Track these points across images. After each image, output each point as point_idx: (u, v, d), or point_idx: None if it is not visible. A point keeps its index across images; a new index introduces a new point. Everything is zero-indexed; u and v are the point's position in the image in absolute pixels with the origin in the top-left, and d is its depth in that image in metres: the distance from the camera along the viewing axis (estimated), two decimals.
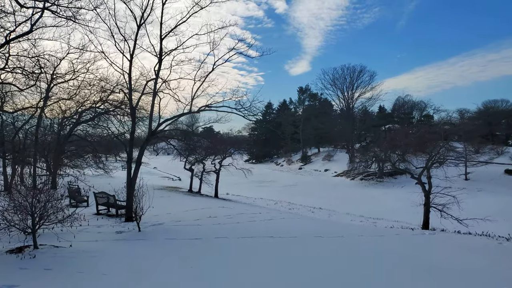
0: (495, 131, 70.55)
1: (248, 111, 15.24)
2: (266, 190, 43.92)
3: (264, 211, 21.63)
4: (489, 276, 7.78)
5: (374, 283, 6.64)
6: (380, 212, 28.10)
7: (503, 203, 30.62)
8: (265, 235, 11.71)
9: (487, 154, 52.42)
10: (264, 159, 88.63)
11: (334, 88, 71.41)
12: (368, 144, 64.35)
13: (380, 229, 16.88)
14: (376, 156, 42.43)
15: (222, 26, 14.69)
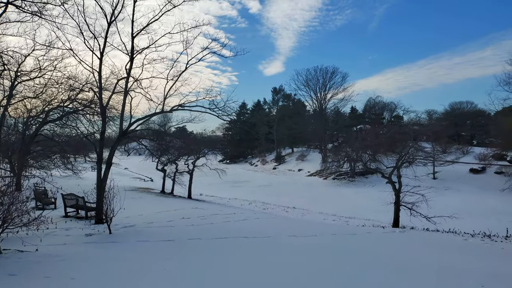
0: (460, 131, 73.56)
1: (222, 111, 15.18)
2: (240, 191, 43.86)
3: (238, 211, 21.59)
4: (456, 270, 8.07)
5: (348, 281, 6.75)
6: (352, 211, 28.65)
7: (468, 201, 31.99)
8: (239, 235, 11.69)
9: (454, 153, 54.58)
10: (239, 159, 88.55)
11: (307, 89, 72.33)
12: (340, 144, 65.49)
13: (352, 228, 17.21)
14: (348, 156, 43.31)
15: (196, 25, 14.58)
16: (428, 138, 52.53)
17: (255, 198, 35.61)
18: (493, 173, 44.67)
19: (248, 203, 32.10)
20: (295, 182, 52.44)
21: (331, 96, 71.52)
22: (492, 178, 42.63)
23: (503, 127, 46.14)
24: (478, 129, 72.09)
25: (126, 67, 14.14)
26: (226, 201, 31.96)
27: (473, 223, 19.92)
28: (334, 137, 76.69)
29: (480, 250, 11.09)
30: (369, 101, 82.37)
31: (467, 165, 48.39)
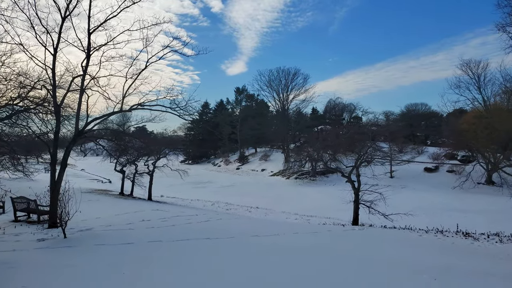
0: (416, 132, 77.31)
1: (183, 111, 14.92)
2: (203, 191, 43.43)
3: (200, 212, 21.34)
4: (411, 265, 8.39)
5: (308, 278, 6.82)
6: (314, 210, 29.16)
7: (423, 198, 33.58)
8: (201, 237, 11.53)
9: (409, 153, 57.23)
10: (201, 159, 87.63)
11: (270, 89, 72.92)
12: (302, 144, 66.55)
13: (313, 226, 17.51)
14: (310, 156, 44.00)
15: (156, 23, 14.21)
16: (385, 139, 54.57)
17: (218, 199, 35.37)
18: (445, 171, 47.23)
19: (211, 204, 31.83)
20: (258, 182, 52.67)
21: (293, 97, 72.64)
22: (445, 177, 45.07)
23: (454, 128, 48.93)
24: (431, 130, 75.98)
25: (82, 64, 13.54)
26: (188, 203, 31.52)
27: (427, 219, 20.89)
28: (296, 137, 77.82)
29: (434, 245, 11.62)
30: (330, 102, 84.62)
31: (421, 164, 50.88)
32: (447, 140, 57.94)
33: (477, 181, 39.91)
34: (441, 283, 6.56)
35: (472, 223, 17.99)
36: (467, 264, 8.72)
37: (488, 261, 9.20)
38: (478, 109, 48.96)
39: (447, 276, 7.13)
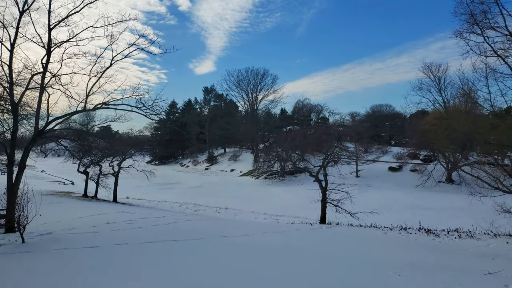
0: (380, 132, 79.73)
1: (150, 110, 14.59)
2: (170, 193, 42.73)
3: (168, 214, 20.95)
4: (376, 261, 8.59)
5: (276, 276, 6.82)
6: (283, 209, 29.38)
7: (388, 197, 34.62)
8: (169, 238, 11.29)
9: (374, 153, 58.96)
10: (169, 160, 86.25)
11: (239, 89, 72.79)
12: (271, 145, 66.94)
13: (282, 225, 17.62)
14: (279, 156, 44.33)
15: (121, 20, 13.79)
16: (351, 139, 55.84)
17: (186, 200, 34.93)
18: (408, 171, 48.96)
19: (179, 205, 31.37)
20: (227, 183, 52.47)
21: (262, 97, 72.92)
22: (408, 176, 46.73)
23: (417, 128, 50.81)
24: (395, 130, 78.70)
25: (42, 61, 12.91)
26: (155, 204, 30.90)
27: (391, 217, 21.55)
28: (266, 138, 78.22)
29: (398, 242, 11.98)
30: (298, 103, 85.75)
31: (386, 164, 52.49)
32: (410, 140, 60.16)
33: (438, 180, 41.68)
34: (404, 279, 6.74)
35: (434, 220, 18.70)
36: (429, 259, 9.02)
37: (448, 256, 9.57)
38: (439, 111, 51.07)
39: (411, 272, 7.34)
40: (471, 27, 13.49)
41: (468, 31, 13.67)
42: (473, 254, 9.79)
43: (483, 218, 14.65)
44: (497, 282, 6.48)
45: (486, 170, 15.84)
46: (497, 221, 14.10)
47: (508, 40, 12.95)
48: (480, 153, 29.87)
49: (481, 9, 13.13)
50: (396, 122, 79.94)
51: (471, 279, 6.75)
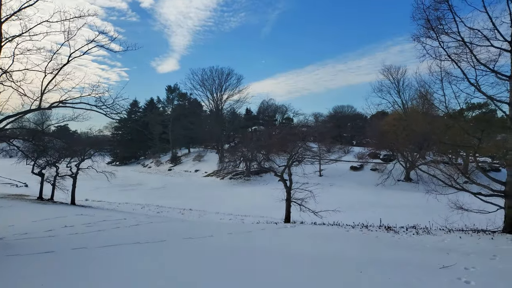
0: (342, 133, 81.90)
1: (110, 109, 14.12)
2: (132, 194, 41.58)
3: (130, 216, 20.33)
4: (338, 259, 8.75)
5: (239, 276, 6.76)
6: (248, 209, 29.38)
7: (350, 195, 35.52)
8: (131, 241, 10.93)
9: (337, 153, 60.44)
10: (130, 160, 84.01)
11: (203, 89, 72.08)
12: (236, 145, 66.91)
13: (247, 225, 17.58)
14: (244, 156, 44.44)
15: (80, 15, 13.24)
16: (315, 139, 56.89)
17: (149, 202, 34.13)
18: (369, 170, 50.57)
19: (141, 207, 30.57)
20: (191, 183, 51.82)
21: (227, 97, 72.71)
22: (369, 175, 48.24)
23: (377, 129, 52.58)
24: (357, 131, 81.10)
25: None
26: (116, 206, 29.92)
27: (353, 215, 22.07)
28: (231, 138, 78.02)
29: (359, 240, 12.27)
30: (263, 104, 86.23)
31: (348, 163, 53.92)
32: (370, 140, 62.13)
33: (397, 179, 43.38)
34: (366, 275, 6.89)
35: (393, 217, 19.35)
36: (389, 255, 9.30)
37: (406, 251, 9.91)
38: (397, 112, 53.16)
39: (372, 268, 7.52)
40: (428, 32, 14.08)
41: (424, 35, 14.26)
42: (430, 249, 10.20)
43: (439, 215, 15.33)
44: (451, 275, 6.76)
45: (441, 169, 16.58)
46: (451, 217, 14.79)
47: (461, 45, 13.62)
48: (436, 152, 31.41)
49: (436, 15, 13.74)
50: (358, 122, 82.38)
51: (428, 273, 7.01)
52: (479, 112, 23.61)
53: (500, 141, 15.45)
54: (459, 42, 13.54)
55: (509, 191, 12.99)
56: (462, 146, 16.77)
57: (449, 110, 14.86)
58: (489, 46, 13.27)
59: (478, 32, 13.18)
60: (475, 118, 21.82)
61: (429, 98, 17.45)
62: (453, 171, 16.26)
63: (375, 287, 6.20)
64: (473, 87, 13.52)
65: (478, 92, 13.51)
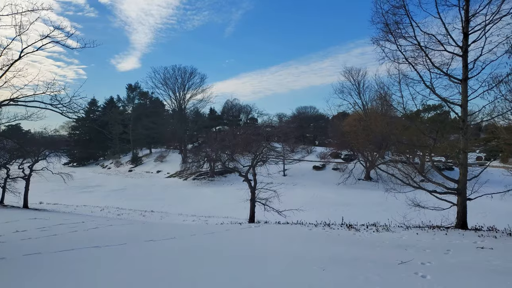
0: (305, 133, 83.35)
1: (67, 108, 13.45)
2: (90, 196, 40.04)
3: (88, 219, 19.53)
4: (302, 257, 8.81)
5: (207, 279, 6.64)
6: (212, 210, 29.14)
7: (312, 194, 36.11)
8: (89, 245, 10.45)
9: (300, 153, 61.36)
10: (88, 161, 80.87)
11: (166, 87, 70.36)
12: (200, 145, 66.21)
13: (211, 226, 17.41)
14: (208, 156, 43.96)
15: (33, 9, 12.49)
16: (279, 139, 57.49)
17: (108, 204, 33.02)
18: (331, 169, 51.66)
19: (100, 209, 29.50)
20: (153, 184, 50.67)
21: (190, 97, 71.51)
22: (331, 174, 49.29)
23: (338, 129, 53.95)
24: (319, 131, 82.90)
25: None
26: (73, 209, 28.68)
27: (316, 214, 22.48)
28: (194, 138, 77.09)
29: (322, 238, 12.47)
30: (227, 103, 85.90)
31: (311, 163, 54.84)
32: (332, 140, 63.75)
33: (357, 178, 44.66)
34: (328, 273, 6.98)
35: (354, 216, 19.91)
36: (351, 253, 9.50)
37: (367, 249, 10.16)
38: (358, 113, 54.68)
39: (334, 266, 7.63)
40: (386, 35, 14.59)
41: (383, 39, 14.76)
42: (389, 246, 10.53)
43: (397, 212, 15.93)
44: (409, 270, 6.99)
45: (399, 168, 17.24)
46: (409, 214, 15.42)
47: (417, 49, 14.22)
48: (394, 152, 32.66)
49: (394, 20, 14.26)
50: (320, 123, 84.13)
51: (387, 269, 7.21)
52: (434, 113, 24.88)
53: (453, 141, 16.27)
54: (415, 46, 14.13)
55: (461, 188, 13.70)
56: (418, 146, 17.51)
57: (406, 111, 15.47)
58: (442, 51, 13.95)
59: (433, 37, 13.83)
60: (431, 119, 22.94)
61: (388, 99, 18.12)
62: (411, 170, 16.96)
63: (337, 284, 6.28)
64: (429, 89, 14.15)
65: (433, 94, 14.16)
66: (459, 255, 8.75)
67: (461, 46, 13.48)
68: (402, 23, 14.12)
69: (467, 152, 14.30)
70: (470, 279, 6.30)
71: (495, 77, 12.74)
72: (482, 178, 14.53)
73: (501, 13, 12.51)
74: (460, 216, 13.85)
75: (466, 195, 13.73)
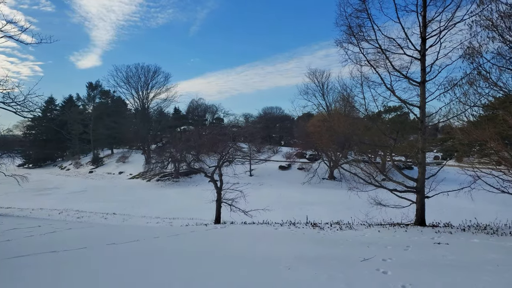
0: (271, 133, 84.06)
1: (21, 106, 12.84)
2: (48, 199, 38.21)
3: (45, 223, 18.59)
4: (268, 257, 8.82)
5: (168, 281, 6.48)
6: (177, 212, 28.70)
7: (278, 194, 36.45)
8: (46, 250, 9.93)
9: (266, 153, 61.81)
10: (45, 162, 77.20)
11: (128, 86, 68.32)
12: (164, 145, 64.92)
13: (176, 228, 17.10)
14: (172, 157, 43.21)
15: None
16: (245, 139, 57.50)
17: (68, 207, 31.68)
18: (296, 169, 52.40)
19: (59, 212, 28.25)
20: (115, 186, 49.19)
21: (154, 96, 69.96)
22: (296, 174, 49.98)
23: (303, 130, 54.81)
24: (285, 131, 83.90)
25: None
26: (28, 213, 27.26)
27: (282, 213, 22.68)
28: (158, 138, 75.55)
29: (287, 237, 12.56)
30: (192, 103, 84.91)
31: (277, 163, 55.38)
32: (297, 141, 64.60)
33: (322, 177, 45.56)
34: (293, 271, 7.02)
35: (319, 214, 20.26)
36: (316, 251, 9.62)
37: (331, 247, 10.34)
38: (322, 114, 55.96)
39: (299, 264, 7.69)
40: (350, 38, 14.94)
41: (347, 41, 15.11)
42: (352, 244, 10.76)
43: (360, 210, 16.35)
44: (371, 267, 7.17)
45: (361, 167, 17.70)
46: (371, 213, 15.88)
47: (379, 52, 14.68)
48: (357, 152, 33.63)
49: (357, 23, 14.63)
50: (286, 123, 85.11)
51: (351, 267, 7.36)
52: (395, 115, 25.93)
53: (412, 141, 16.95)
54: (377, 49, 14.57)
55: (420, 187, 14.28)
56: (380, 146, 18.09)
57: (368, 112, 15.94)
58: (402, 54, 14.48)
59: (393, 41, 14.32)
60: (391, 120, 23.86)
61: (351, 101, 18.55)
62: (372, 169, 17.47)
63: (302, 283, 6.33)
64: (389, 91, 14.65)
65: (394, 96, 14.68)
66: (418, 251, 9.09)
67: (419, 50, 14.05)
68: (365, 26, 14.53)
69: (425, 151, 14.93)
70: (427, 274, 6.54)
71: (450, 81, 13.40)
72: (439, 176, 15.21)
73: (455, 20, 13.17)
74: (419, 214, 14.43)
75: (424, 193, 14.33)
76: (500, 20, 11.00)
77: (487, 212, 18.81)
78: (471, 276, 6.21)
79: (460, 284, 5.76)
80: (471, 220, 14.93)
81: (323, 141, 45.03)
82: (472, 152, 16.03)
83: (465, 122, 13.41)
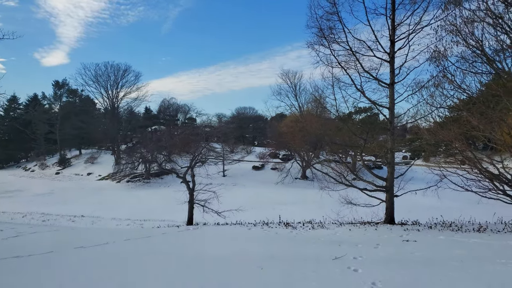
0: (245, 133, 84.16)
1: None
2: (10, 202, 36.59)
3: (7, 227, 17.73)
4: (241, 257, 8.79)
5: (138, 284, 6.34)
6: (148, 213, 28.15)
7: (252, 194, 36.52)
8: (8, 255, 9.47)
9: (240, 153, 61.84)
10: (8, 164, 73.77)
11: (97, 85, 66.39)
12: (134, 145, 63.61)
13: (147, 230, 16.79)
14: (143, 157, 42.48)
15: None
16: (218, 139, 57.32)
17: (32, 209, 30.41)
18: (270, 169, 52.71)
19: (22, 215, 27.08)
20: (83, 187, 47.74)
21: (124, 95, 68.36)
22: (269, 174, 50.26)
23: (276, 130, 55.21)
24: (258, 132, 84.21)
25: None
26: None
27: (255, 213, 22.65)
28: (128, 138, 73.91)
29: (260, 237, 12.56)
30: (164, 102, 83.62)
31: (250, 163, 55.49)
32: (270, 141, 64.98)
33: (294, 177, 46.06)
34: (266, 271, 7.02)
35: (292, 214, 20.35)
36: (288, 250, 9.69)
37: (304, 246, 10.43)
38: (295, 114, 56.60)
39: (272, 264, 7.70)
40: (321, 40, 15.14)
41: (318, 43, 15.31)
42: (324, 242, 10.90)
43: (331, 209, 16.58)
44: (342, 265, 7.27)
45: (333, 167, 18.01)
46: (342, 212, 16.14)
47: (349, 54, 14.95)
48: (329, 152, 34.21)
49: (328, 25, 14.84)
50: (259, 124, 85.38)
51: (323, 265, 7.43)
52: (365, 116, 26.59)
53: (382, 142, 17.40)
54: (347, 51, 14.84)
55: (389, 186, 14.66)
56: (350, 146, 18.46)
57: (339, 113, 16.21)
58: (372, 56, 14.81)
59: (364, 43, 14.63)
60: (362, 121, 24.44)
61: (322, 102, 18.86)
62: (343, 169, 17.80)
63: (275, 282, 6.34)
64: (359, 93, 14.96)
65: (364, 97, 15.00)
66: (387, 248, 9.31)
67: (388, 52, 14.42)
68: (336, 29, 14.75)
69: (394, 151, 15.35)
70: (396, 271, 6.71)
71: (418, 83, 13.87)
72: (407, 176, 15.66)
73: (422, 24, 13.62)
74: (388, 212, 14.81)
75: (393, 192, 14.72)
76: (463, 25, 11.46)
77: (452, 209, 19.52)
78: (438, 271, 6.42)
79: (427, 280, 5.95)
80: (438, 217, 15.45)
81: (295, 142, 45.48)
82: (438, 152, 16.66)
83: (432, 123, 13.91)
